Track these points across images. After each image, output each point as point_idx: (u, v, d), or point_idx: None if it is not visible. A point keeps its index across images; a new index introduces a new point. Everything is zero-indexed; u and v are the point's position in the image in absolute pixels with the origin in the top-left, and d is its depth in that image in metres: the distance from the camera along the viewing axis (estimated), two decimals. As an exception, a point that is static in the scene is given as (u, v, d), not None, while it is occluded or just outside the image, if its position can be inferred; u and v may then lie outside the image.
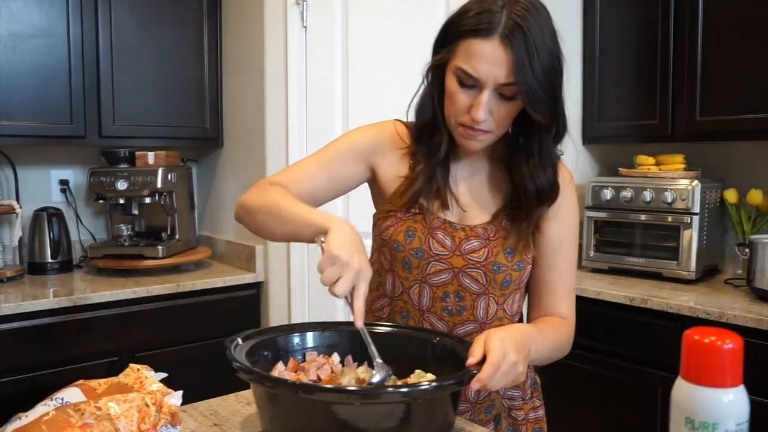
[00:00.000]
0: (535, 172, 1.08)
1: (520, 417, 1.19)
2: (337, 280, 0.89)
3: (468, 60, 0.98)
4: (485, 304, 1.12)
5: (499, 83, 0.98)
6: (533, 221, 1.11)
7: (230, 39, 2.72)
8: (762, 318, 1.86)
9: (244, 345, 0.96)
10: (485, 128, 1.03)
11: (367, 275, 0.92)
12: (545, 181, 1.09)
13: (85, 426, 0.76)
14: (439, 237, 1.11)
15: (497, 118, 1.02)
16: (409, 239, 1.11)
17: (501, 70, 0.97)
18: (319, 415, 0.83)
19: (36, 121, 2.34)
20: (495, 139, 1.07)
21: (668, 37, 2.38)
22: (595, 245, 2.56)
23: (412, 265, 1.12)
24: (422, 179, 1.11)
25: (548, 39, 0.99)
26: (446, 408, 0.90)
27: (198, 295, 2.43)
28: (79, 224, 2.74)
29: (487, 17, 0.96)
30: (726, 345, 0.59)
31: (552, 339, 1.08)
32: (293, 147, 2.45)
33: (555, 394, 2.34)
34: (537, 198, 1.09)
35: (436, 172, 1.11)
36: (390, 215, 1.14)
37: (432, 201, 1.12)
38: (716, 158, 2.55)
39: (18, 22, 2.28)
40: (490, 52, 0.96)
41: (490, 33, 0.96)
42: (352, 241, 0.91)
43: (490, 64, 0.97)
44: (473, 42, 0.97)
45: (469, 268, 1.10)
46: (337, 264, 0.89)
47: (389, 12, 2.37)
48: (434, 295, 1.12)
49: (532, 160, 1.09)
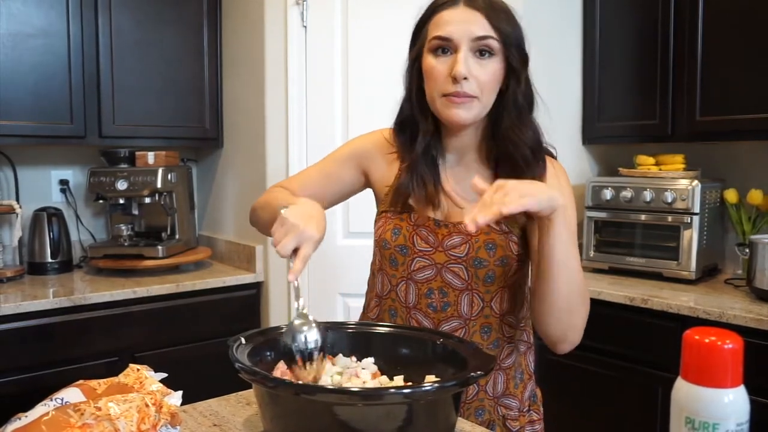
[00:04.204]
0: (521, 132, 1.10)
1: (515, 428, 1.16)
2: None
3: (440, 27, 1.07)
4: (468, 300, 1.13)
5: (474, 37, 1.05)
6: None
7: (230, 39, 2.72)
8: (762, 318, 1.85)
9: (246, 345, 0.96)
10: (468, 91, 1.05)
11: (311, 237, 0.95)
12: (533, 138, 1.11)
13: (84, 426, 0.76)
14: (423, 234, 1.14)
15: (481, 79, 1.06)
16: (395, 236, 1.15)
17: (473, 25, 1.05)
18: (320, 415, 0.83)
19: (36, 121, 2.34)
20: (481, 108, 1.09)
21: (668, 37, 2.38)
22: (595, 245, 2.56)
23: (398, 262, 1.15)
24: (407, 173, 1.15)
25: (506, 6, 1.09)
26: (448, 409, 0.89)
27: (198, 295, 2.43)
28: (79, 224, 2.74)
29: None
30: (726, 345, 0.59)
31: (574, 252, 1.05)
32: (293, 147, 2.45)
33: (553, 395, 2.34)
34: (534, 156, 1.11)
35: (419, 165, 1.14)
36: (382, 216, 1.20)
37: (420, 198, 1.14)
38: (716, 158, 2.55)
39: (18, 22, 2.28)
40: (459, 14, 1.06)
41: (455, 3, 1.07)
42: (305, 211, 0.98)
43: (460, 23, 1.05)
44: (442, 13, 1.08)
45: (451, 263, 1.12)
46: (285, 225, 0.95)
47: (389, 12, 2.37)
48: (419, 292, 1.14)
49: (515, 122, 1.11)
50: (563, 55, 2.65)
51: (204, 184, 3.01)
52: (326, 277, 2.45)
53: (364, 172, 1.24)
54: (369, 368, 1.00)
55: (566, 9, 2.65)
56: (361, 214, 2.34)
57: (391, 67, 2.10)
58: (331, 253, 2.43)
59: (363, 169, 1.24)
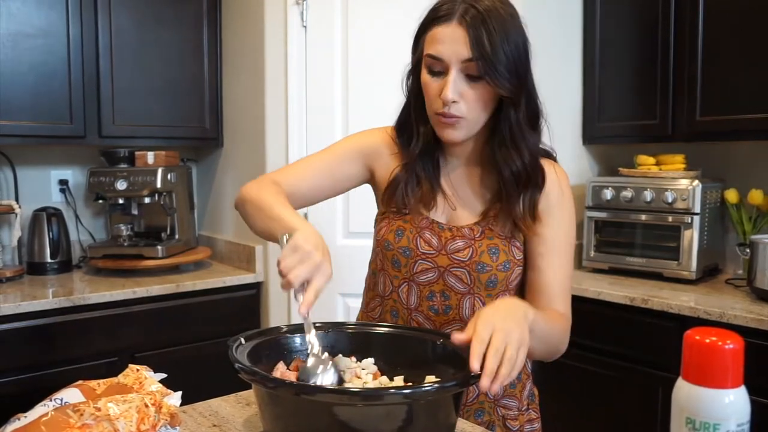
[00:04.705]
0: (508, 155, 1.09)
1: (514, 428, 1.17)
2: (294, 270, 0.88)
3: (432, 45, 1.05)
4: (471, 304, 1.13)
5: (462, 60, 1.02)
6: (520, 208, 1.11)
7: (230, 39, 2.72)
8: (763, 318, 1.85)
9: (246, 345, 0.96)
10: (456, 112, 1.05)
11: (325, 272, 0.90)
12: (520, 164, 1.09)
13: (84, 426, 0.76)
14: (427, 236, 1.14)
15: (469, 101, 1.05)
16: (398, 238, 1.15)
17: (461, 47, 1.01)
18: (320, 416, 0.83)
19: (35, 120, 2.33)
20: (471, 126, 1.08)
21: (668, 37, 2.38)
22: (595, 245, 2.56)
23: (400, 263, 1.15)
24: (402, 171, 1.16)
25: (508, 22, 1.03)
26: (448, 409, 0.89)
27: (198, 295, 2.43)
28: (79, 224, 2.74)
29: (447, 7, 1.04)
30: (727, 345, 0.59)
31: (550, 321, 1.06)
32: (293, 147, 2.45)
33: (553, 395, 2.34)
34: (516, 182, 1.10)
35: (416, 166, 1.15)
36: (385, 216, 1.20)
37: (418, 197, 1.15)
38: (716, 158, 2.55)
39: (17, 21, 2.28)
40: (450, 33, 1.02)
41: (448, 18, 1.03)
42: (317, 239, 0.93)
43: (450, 43, 1.02)
44: (436, 30, 1.05)
45: (454, 267, 1.12)
46: (298, 252, 0.89)
47: (389, 11, 2.37)
48: (421, 294, 1.15)
49: (504, 144, 1.09)
50: (563, 55, 2.65)
51: (204, 184, 3.01)
52: (326, 277, 2.45)
53: (370, 170, 1.23)
54: (369, 369, 0.99)
55: (566, 9, 2.64)
56: (361, 214, 2.34)
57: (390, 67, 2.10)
58: (331, 253, 2.42)
59: (369, 167, 1.23)
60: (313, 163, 1.22)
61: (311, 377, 0.92)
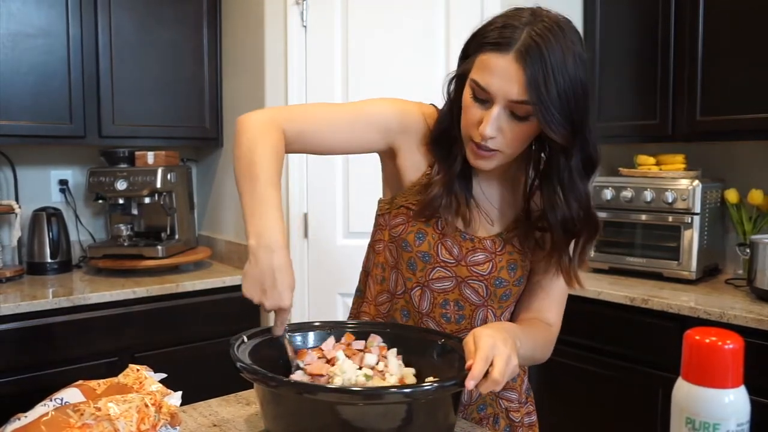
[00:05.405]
0: (557, 201, 1.03)
1: (517, 419, 1.20)
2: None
3: (482, 73, 0.96)
4: (483, 316, 1.13)
5: (510, 100, 0.94)
6: (567, 258, 1.08)
7: (230, 39, 2.72)
8: (763, 318, 1.85)
9: (248, 344, 0.96)
10: (493, 146, 0.99)
11: (287, 308, 0.96)
12: (567, 212, 1.03)
13: (84, 426, 0.76)
14: (448, 244, 1.10)
15: (509, 138, 0.98)
16: (419, 241, 1.11)
17: (513, 86, 0.93)
18: (322, 415, 0.83)
19: (35, 120, 2.33)
20: (506, 160, 1.03)
21: (668, 37, 2.38)
22: (595, 245, 2.56)
23: (416, 267, 1.12)
24: (439, 190, 1.07)
25: (570, 61, 0.94)
26: (447, 409, 0.90)
27: (198, 295, 2.43)
28: (79, 224, 2.74)
29: (508, 32, 0.94)
30: (727, 345, 0.59)
31: (533, 339, 1.07)
32: (293, 147, 2.44)
33: (554, 395, 2.34)
34: (562, 227, 1.05)
35: (455, 186, 1.07)
36: (401, 212, 1.13)
37: (450, 213, 1.09)
38: (716, 158, 2.55)
39: (17, 21, 2.28)
40: (503, 67, 0.93)
41: (506, 48, 0.93)
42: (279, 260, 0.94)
43: (502, 79, 0.94)
44: (489, 56, 0.95)
45: (472, 279, 1.11)
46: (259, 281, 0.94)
47: (389, 12, 2.37)
48: (434, 301, 1.13)
49: (556, 190, 1.03)
50: (563, 55, 2.64)
51: (204, 184, 3.01)
52: (326, 277, 2.45)
53: (391, 149, 1.13)
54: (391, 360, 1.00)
55: (566, 9, 2.63)
56: (361, 214, 2.34)
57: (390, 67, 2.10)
58: (331, 253, 2.42)
59: (391, 146, 1.12)
60: (335, 123, 1.10)
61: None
